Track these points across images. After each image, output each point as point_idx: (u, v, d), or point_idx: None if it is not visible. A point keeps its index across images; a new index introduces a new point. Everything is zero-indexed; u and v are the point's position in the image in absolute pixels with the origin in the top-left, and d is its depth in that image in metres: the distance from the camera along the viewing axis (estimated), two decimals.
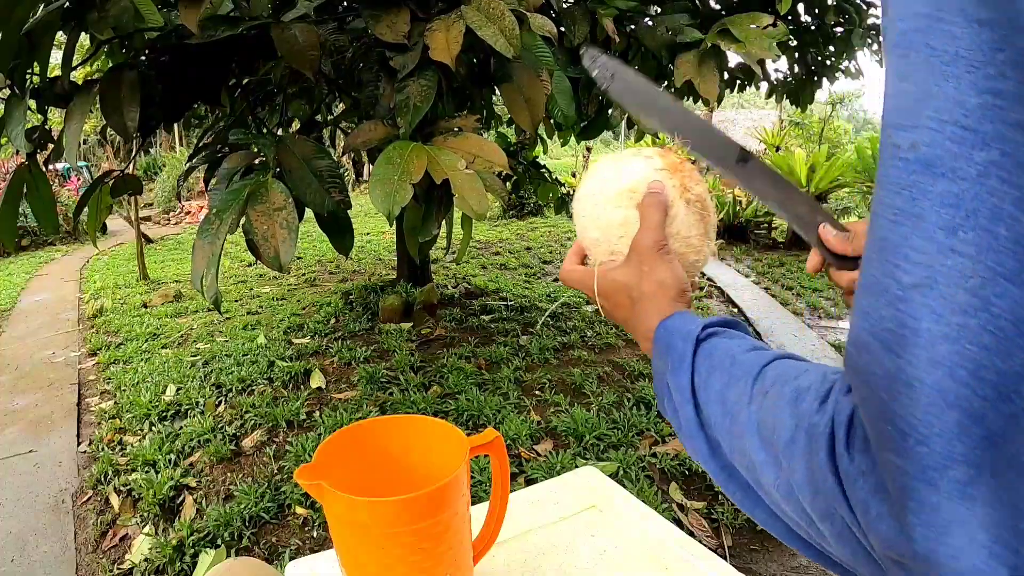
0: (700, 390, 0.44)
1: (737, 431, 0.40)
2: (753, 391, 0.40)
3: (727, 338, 0.47)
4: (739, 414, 0.40)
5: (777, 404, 0.37)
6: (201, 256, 1.21)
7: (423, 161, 1.21)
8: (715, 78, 1.72)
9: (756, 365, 0.41)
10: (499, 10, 1.29)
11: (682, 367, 0.46)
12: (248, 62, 1.79)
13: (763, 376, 0.40)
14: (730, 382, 0.42)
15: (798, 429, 0.34)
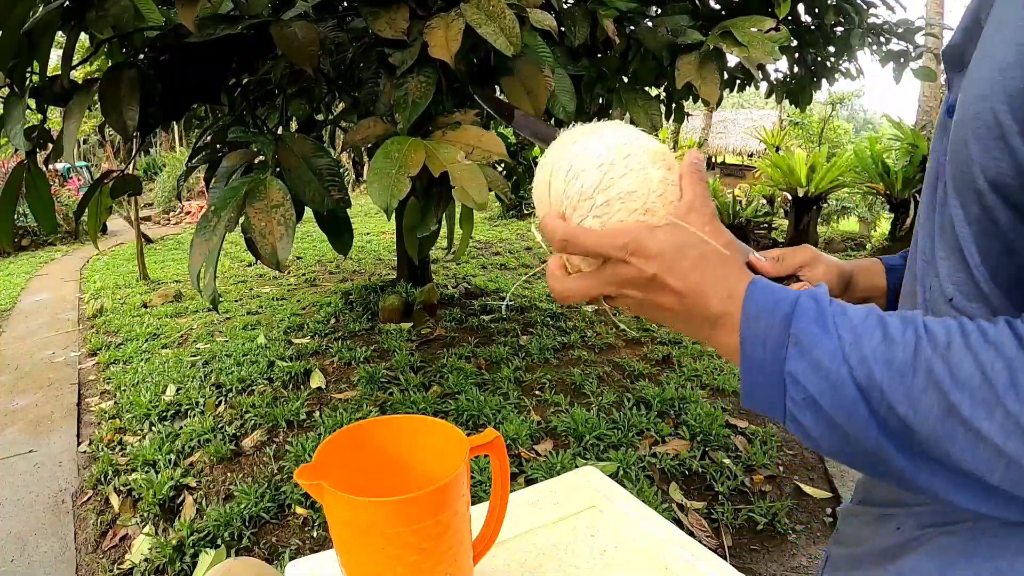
0: (849, 356, 0.38)
1: (926, 382, 0.35)
2: (929, 345, 0.36)
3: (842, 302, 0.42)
4: (925, 367, 0.36)
5: (971, 349, 0.35)
6: (199, 253, 1.21)
7: (421, 155, 1.21)
8: (716, 80, 1.72)
9: (909, 319, 0.38)
10: (499, 8, 1.29)
11: (823, 327, 0.39)
12: (248, 61, 1.79)
13: (929, 329, 0.37)
14: (891, 340, 0.37)
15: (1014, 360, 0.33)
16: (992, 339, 0.35)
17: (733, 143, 15.68)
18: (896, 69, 3.26)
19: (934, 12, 7.42)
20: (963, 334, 0.36)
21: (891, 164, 7.37)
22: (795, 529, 2.15)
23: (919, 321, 0.38)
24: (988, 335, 0.35)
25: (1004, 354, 0.34)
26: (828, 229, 8.64)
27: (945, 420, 0.35)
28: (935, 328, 0.37)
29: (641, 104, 1.97)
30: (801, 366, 0.39)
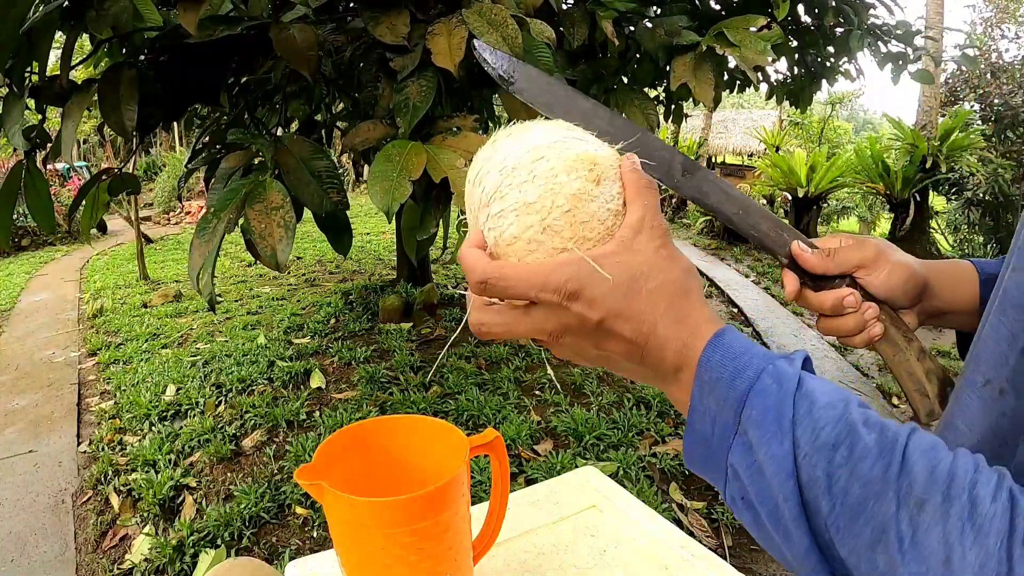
0: (800, 467, 0.32)
1: (875, 537, 0.30)
2: (899, 489, 0.30)
3: (821, 382, 0.34)
4: (881, 519, 0.30)
5: (949, 523, 0.28)
6: (198, 254, 1.21)
7: (422, 159, 1.21)
8: (711, 81, 1.72)
9: (889, 442, 0.31)
10: (502, 16, 1.29)
11: (779, 425, 0.32)
12: (247, 62, 1.79)
13: (908, 464, 0.30)
14: (856, 468, 0.30)
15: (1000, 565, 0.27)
16: (979, 518, 0.28)
17: (733, 143, 15.68)
18: (894, 71, 3.26)
19: (934, 12, 7.42)
20: (946, 494, 0.29)
21: (891, 164, 7.37)
22: None
23: (899, 446, 0.31)
24: (978, 509, 0.28)
25: (984, 543, 0.28)
26: (828, 229, 8.64)
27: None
28: (914, 465, 0.30)
29: (639, 105, 1.97)
30: (745, 463, 0.33)
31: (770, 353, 0.35)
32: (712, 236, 7.68)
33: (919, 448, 0.30)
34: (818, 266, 0.50)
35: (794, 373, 0.34)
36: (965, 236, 7.27)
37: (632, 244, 0.38)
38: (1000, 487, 0.29)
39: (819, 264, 0.50)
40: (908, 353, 0.51)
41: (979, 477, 0.29)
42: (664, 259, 0.38)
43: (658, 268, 0.37)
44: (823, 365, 3.80)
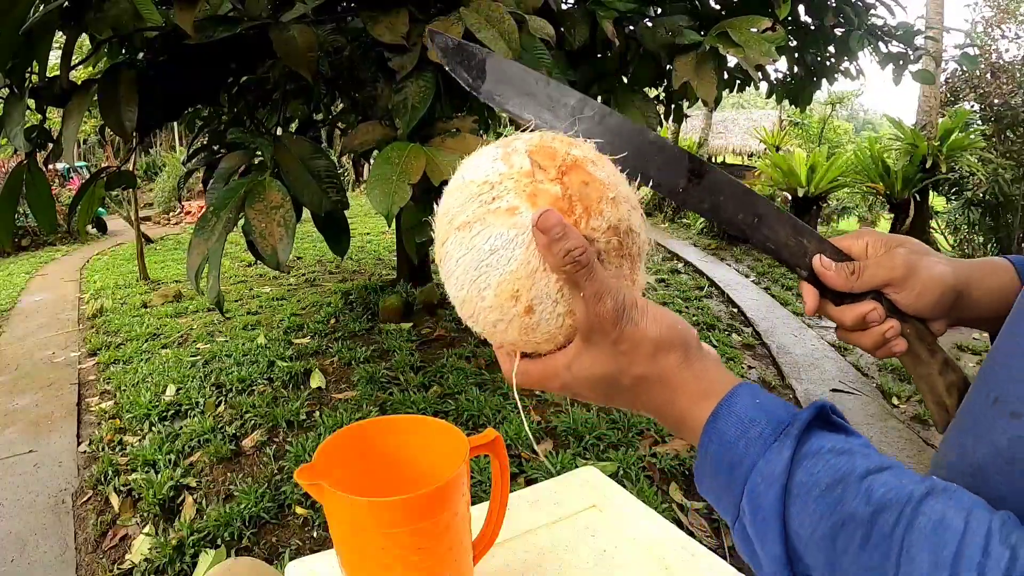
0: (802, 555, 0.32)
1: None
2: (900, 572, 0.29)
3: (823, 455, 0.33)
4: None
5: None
6: (197, 253, 1.21)
7: (421, 162, 1.21)
8: (713, 80, 1.72)
9: (889, 525, 0.30)
10: (498, 13, 1.29)
11: (769, 528, 0.32)
12: (247, 62, 1.79)
13: (909, 555, 0.29)
14: (857, 557, 0.30)
15: None
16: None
17: (733, 143, 15.69)
18: (895, 72, 3.26)
19: (934, 12, 7.42)
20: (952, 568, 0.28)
21: (891, 164, 7.37)
22: None
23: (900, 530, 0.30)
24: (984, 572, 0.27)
25: None
26: (829, 229, 8.64)
27: None
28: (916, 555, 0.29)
29: (639, 105, 1.97)
30: (746, 550, 0.35)
31: (766, 431, 0.34)
32: (712, 236, 7.68)
33: (923, 533, 0.29)
34: (842, 286, 0.47)
35: (784, 467, 0.33)
36: (965, 236, 7.27)
37: (589, 350, 0.37)
38: (1012, 567, 0.27)
39: (843, 284, 0.47)
40: (931, 366, 0.49)
41: (987, 563, 0.27)
42: (624, 354, 0.36)
43: (622, 368, 0.37)
44: (823, 365, 3.81)
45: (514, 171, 0.37)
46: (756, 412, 0.35)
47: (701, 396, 0.36)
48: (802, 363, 3.82)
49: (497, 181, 0.37)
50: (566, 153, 0.38)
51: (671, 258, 6.81)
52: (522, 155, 0.38)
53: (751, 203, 0.47)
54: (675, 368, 0.37)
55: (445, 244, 0.39)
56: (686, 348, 0.37)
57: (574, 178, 0.37)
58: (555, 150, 0.38)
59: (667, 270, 6.14)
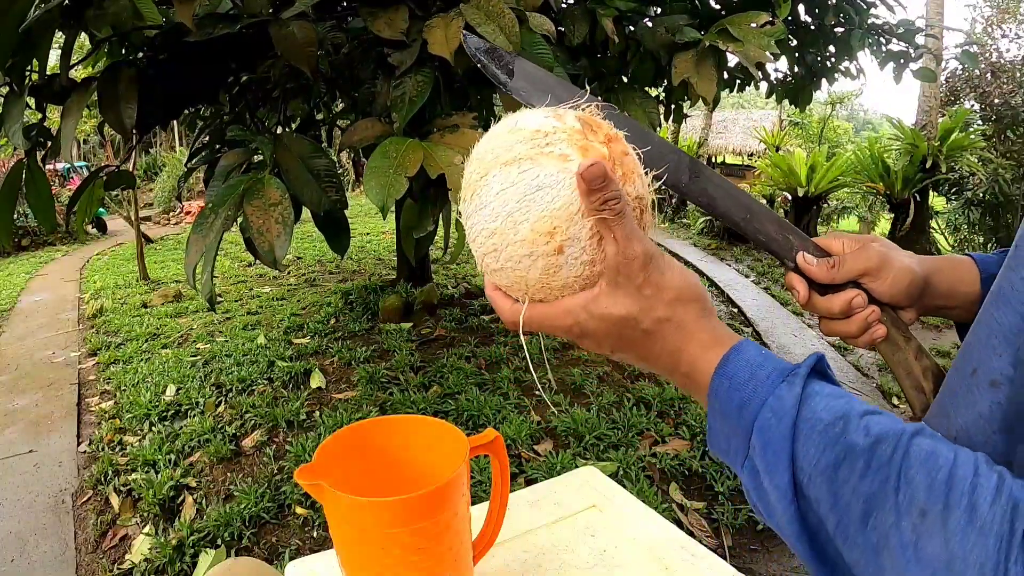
0: (807, 488, 0.34)
1: (880, 544, 0.31)
2: (899, 502, 0.31)
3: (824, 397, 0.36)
4: (884, 529, 0.31)
5: (950, 529, 0.29)
6: (195, 250, 1.21)
7: (419, 156, 1.21)
8: (712, 77, 1.72)
9: (887, 456, 0.32)
10: (499, 8, 1.28)
11: (778, 459, 0.35)
12: (247, 60, 1.79)
13: (907, 477, 0.31)
14: (858, 485, 0.32)
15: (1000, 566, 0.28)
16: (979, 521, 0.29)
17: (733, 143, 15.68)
18: (896, 70, 3.26)
19: (934, 12, 7.42)
20: (946, 502, 0.30)
21: (891, 164, 7.37)
22: None
23: (897, 458, 0.32)
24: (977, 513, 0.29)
25: (985, 545, 0.28)
26: (828, 229, 8.64)
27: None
28: (914, 477, 0.31)
29: (639, 103, 1.97)
30: (753, 484, 0.37)
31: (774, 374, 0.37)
32: (712, 236, 7.68)
33: (918, 458, 0.32)
34: (824, 278, 0.52)
35: (793, 403, 0.35)
36: (965, 236, 7.27)
37: (614, 291, 0.40)
38: (1000, 490, 0.29)
39: (825, 276, 0.52)
40: (907, 352, 0.53)
41: (979, 480, 0.30)
42: (647, 298, 0.39)
43: (644, 309, 0.39)
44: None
45: (567, 126, 0.41)
46: (763, 359, 0.38)
47: (713, 343, 0.39)
48: None
49: (551, 131, 0.40)
50: (610, 126, 0.42)
51: None
52: (572, 118, 0.41)
53: (740, 200, 0.52)
54: (692, 317, 0.40)
55: (485, 177, 0.41)
56: (704, 302, 0.41)
57: (616, 147, 0.41)
58: (599, 123, 0.42)
59: None
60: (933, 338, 4.32)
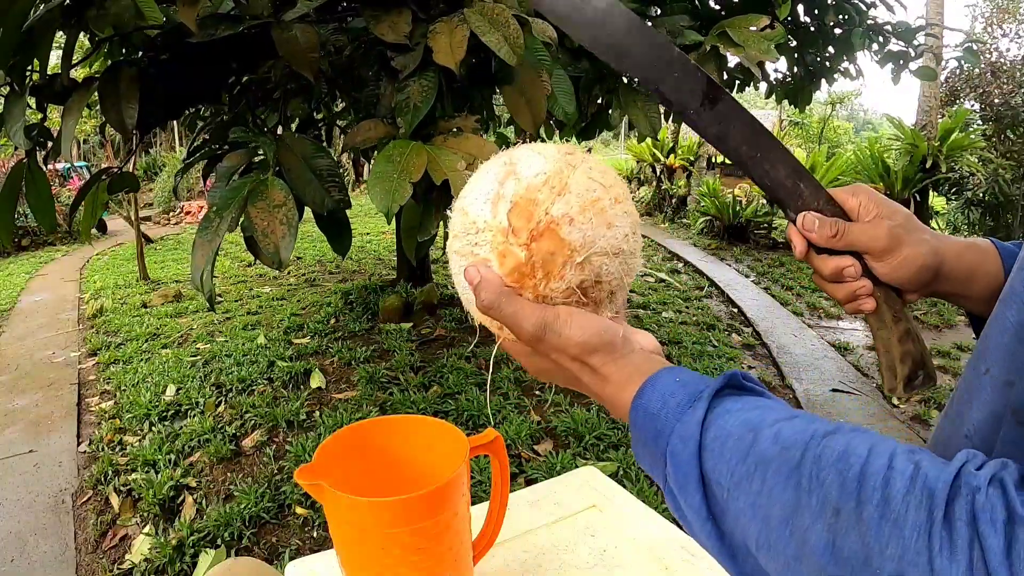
0: (727, 503, 0.34)
1: (799, 549, 0.31)
2: (813, 504, 0.31)
3: (735, 412, 0.36)
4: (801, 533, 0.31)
5: (863, 525, 0.29)
6: (201, 253, 1.21)
7: (423, 160, 1.21)
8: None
9: (796, 458, 0.32)
10: (503, 16, 1.28)
11: (688, 481, 0.36)
12: (248, 61, 1.79)
13: (819, 479, 0.31)
14: (772, 492, 0.32)
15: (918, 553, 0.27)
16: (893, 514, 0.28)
17: None
18: (895, 70, 3.26)
19: (934, 12, 7.42)
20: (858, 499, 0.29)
21: (891, 164, 7.37)
22: None
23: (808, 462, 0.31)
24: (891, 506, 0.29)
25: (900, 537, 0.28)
26: None
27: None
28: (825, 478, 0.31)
29: (640, 106, 1.97)
30: (673, 506, 0.39)
31: (684, 401, 0.38)
32: (712, 236, 7.68)
33: (830, 459, 0.31)
34: (822, 244, 0.50)
35: (696, 426, 0.36)
36: (965, 236, 7.27)
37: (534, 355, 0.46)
38: (915, 479, 0.29)
39: (824, 243, 0.49)
40: (892, 333, 0.52)
41: (892, 474, 0.29)
42: (555, 360, 0.43)
43: (557, 367, 0.44)
44: (823, 365, 3.80)
45: (494, 223, 0.43)
46: (675, 387, 0.39)
47: (626, 383, 0.41)
48: (802, 363, 3.82)
49: (482, 227, 0.44)
50: (545, 212, 0.42)
51: (671, 258, 6.81)
52: (507, 203, 0.43)
53: (757, 138, 0.49)
54: (600, 364, 0.42)
55: (449, 250, 0.48)
56: (611, 348, 0.42)
57: (543, 245, 0.42)
58: (535, 208, 0.42)
59: (667, 270, 6.14)
60: (933, 338, 4.32)
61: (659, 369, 0.41)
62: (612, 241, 0.43)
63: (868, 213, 0.50)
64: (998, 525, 0.26)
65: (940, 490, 0.28)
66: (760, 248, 7.26)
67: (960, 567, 0.26)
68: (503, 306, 0.43)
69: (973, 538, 0.26)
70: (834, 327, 4.58)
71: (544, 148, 0.45)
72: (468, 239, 0.45)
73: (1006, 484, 0.27)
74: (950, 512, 0.27)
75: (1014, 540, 0.26)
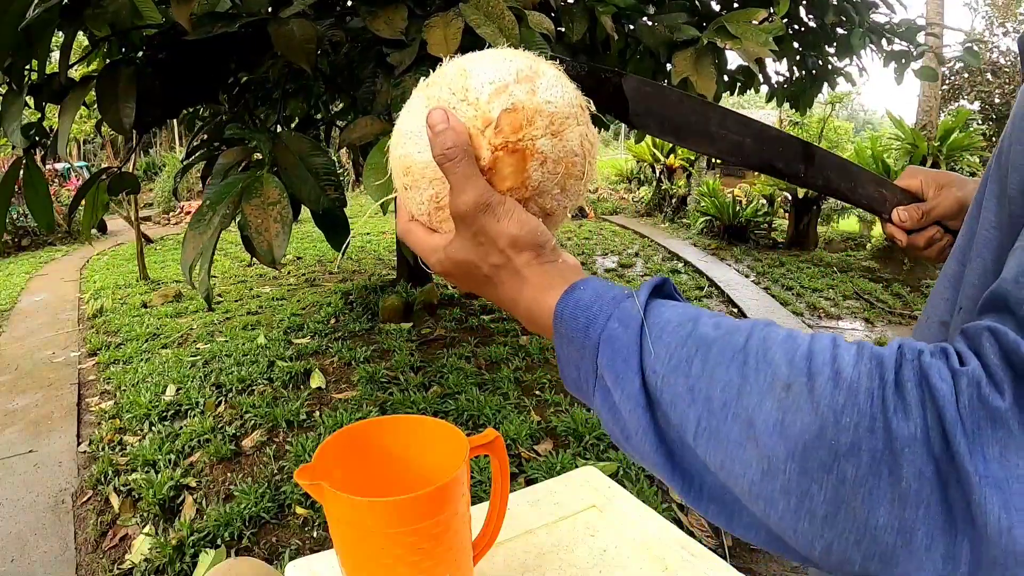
0: (661, 392, 0.33)
1: (743, 433, 0.31)
2: (760, 382, 0.31)
3: (671, 307, 0.36)
4: (747, 414, 0.31)
5: (816, 396, 0.29)
6: (192, 247, 1.21)
7: None
8: (712, 75, 1.72)
9: (742, 342, 0.32)
10: (498, 8, 1.28)
11: (628, 366, 0.34)
12: (246, 59, 1.78)
13: (767, 358, 0.31)
14: (714, 373, 0.32)
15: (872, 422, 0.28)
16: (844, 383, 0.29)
17: None
18: (897, 70, 3.26)
19: (933, 12, 7.42)
20: (809, 373, 0.30)
21: (891, 164, 7.37)
22: None
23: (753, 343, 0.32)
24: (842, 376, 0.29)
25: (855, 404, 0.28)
26: (828, 229, 8.64)
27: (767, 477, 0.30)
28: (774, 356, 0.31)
29: None
30: (606, 405, 0.37)
31: (620, 294, 0.37)
32: (712, 236, 7.68)
33: (776, 340, 0.32)
34: (915, 226, 0.61)
35: (637, 312, 0.36)
36: None
37: (458, 237, 0.41)
38: (861, 352, 0.30)
39: (915, 226, 0.61)
40: None
41: (839, 352, 0.30)
42: (481, 245, 0.40)
43: (480, 256, 0.41)
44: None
45: (484, 107, 0.41)
46: (608, 287, 0.39)
47: (548, 286, 0.40)
48: None
49: (471, 101, 0.41)
50: (531, 139, 0.41)
51: (671, 258, 6.80)
52: (508, 102, 0.40)
53: (849, 171, 0.60)
54: (526, 263, 0.40)
55: (418, 89, 0.44)
56: (540, 250, 0.40)
57: (507, 160, 0.41)
58: (527, 128, 0.41)
59: (667, 270, 6.13)
60: None
61: (587, 276, 0.41)
62: (559, 201, 0.44)
63: (930, 187, 0.62)
64: (947, 381, 0.27)
65: (888, 357, 0.29)
66: (760, 248, 7.26)
67: (916, 426, 0.27)
68: (461, 161, 0.39)
69: (924, 397, 0.27)
70: (834, 327, 4.58)
71: (568, 88, 0.43)
72: (451, 96, 0.41)
73: (947, 350, 0.29)
74: (900, 376, 0.28)
75: (960, 393, 0.27)
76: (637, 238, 7.79)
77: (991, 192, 0.39)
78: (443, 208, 0.43)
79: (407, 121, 0.44)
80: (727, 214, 7.49)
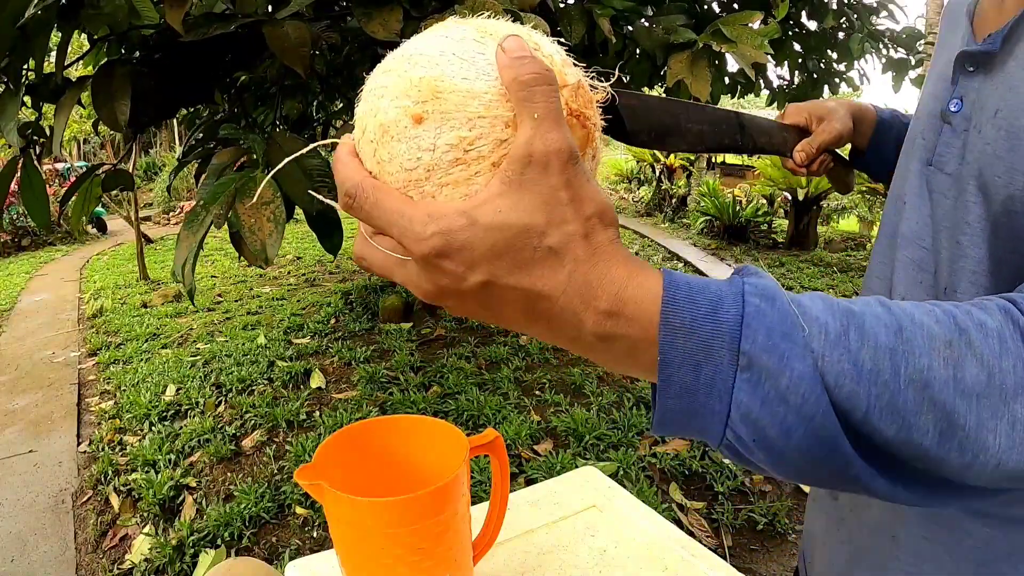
0: (824, 373, 0.28)
1: (918, 397, 0.29)
2: (922, 344, 0.29)
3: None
4: (920, 377, 0.29)
5: (975, 348, 0.30)
6: (185, 246, 1.21)
7: None
8: (707, 78, 1.72)
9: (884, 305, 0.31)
10: (495, 11, 1.28)
11: (793, 343, 0.28)
12: (243, 60, 1.78)
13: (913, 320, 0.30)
14: (876, 342, 0.29)
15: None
16: (993, 332, 0.30)
17: None
18: (895, 78, 3.27)
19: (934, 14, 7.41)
20: (959, 328, 0.30)
21: None
22: (795, 529, 2.14)
23: (893, 304, 0.31)
24: (988, 326, 0.30)
25: (1008, 349, 0.30)
26: (828, 229, 8.64)
27: (944, 437, 0.29)
28: (921, 318, 0.30)
29: None
30: (757, 399, 0.28)
31: (712, 278, 0.31)
32: (712, 236, 7.68)
33: (907, 306, 0.32)
34: (811, 159, 0.71)
35: (773, 282, 0.30)
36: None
37: (517, 190, 0.29)
38: (982, 305, 0.32)
39: (812, 158, 0.71)
40: (839, 172, 0.77)
41: (972, 308, 0.32)
42: (561, 204, 0.29)
43: (555, 220, 0.29)
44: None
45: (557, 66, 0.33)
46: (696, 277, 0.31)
47: (640, 268, 0.30)
48: None
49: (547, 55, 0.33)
50: (594, 124, 0.34)
51: (671, 258, 6.80)
52: (574, 74, 0.33)
53: (763, 127, 0.68)
54: (612, 240, 0.30)
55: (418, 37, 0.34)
56: (618, 232, 0.31)
57: (577, 133, 0.34)
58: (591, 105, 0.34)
59: None
60: None
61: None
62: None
63: (812, 121, 0.71)
64: None
65: (1007, 305, 0.32)
66: (760, 248, 7.27)
67: None
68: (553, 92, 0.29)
69: None
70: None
71: None
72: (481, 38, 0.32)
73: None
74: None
75: None
76: (637, 238, 7.79)
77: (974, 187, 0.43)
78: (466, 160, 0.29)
79: (441, 44, 0.32)
80: (727, 214, 7.50)
